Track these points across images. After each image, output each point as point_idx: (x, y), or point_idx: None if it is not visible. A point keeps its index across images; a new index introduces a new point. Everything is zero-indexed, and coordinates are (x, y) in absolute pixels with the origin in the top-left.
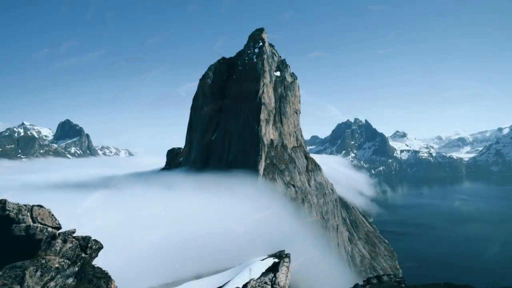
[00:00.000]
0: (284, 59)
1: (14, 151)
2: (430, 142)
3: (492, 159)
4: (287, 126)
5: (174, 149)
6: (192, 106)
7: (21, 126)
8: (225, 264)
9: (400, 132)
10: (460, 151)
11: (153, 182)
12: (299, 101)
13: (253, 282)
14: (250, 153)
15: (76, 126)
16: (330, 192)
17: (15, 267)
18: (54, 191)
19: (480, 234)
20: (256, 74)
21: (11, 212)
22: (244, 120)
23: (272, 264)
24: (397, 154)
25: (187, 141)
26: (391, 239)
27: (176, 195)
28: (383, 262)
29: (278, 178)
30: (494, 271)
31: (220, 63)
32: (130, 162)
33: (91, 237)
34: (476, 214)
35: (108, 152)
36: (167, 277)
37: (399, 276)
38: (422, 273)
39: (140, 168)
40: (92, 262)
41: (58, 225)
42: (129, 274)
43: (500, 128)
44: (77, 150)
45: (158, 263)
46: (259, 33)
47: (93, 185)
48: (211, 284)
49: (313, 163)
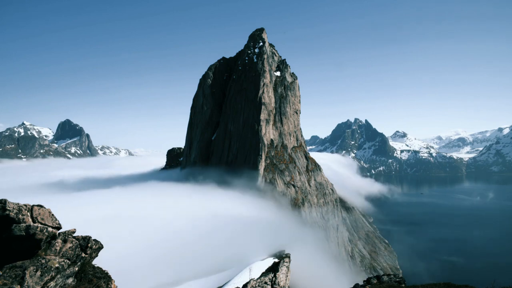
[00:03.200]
0: (284, 59)
1: (14, 151)
2: (430, 142)
3: (492, 159)
4: (287, 126)
5: (174, 149)
6: (192, 106)
7: (21, 126)
8: (225, 264)
9: (400, 132)
10: (460, 151)
11: (153, 182)
12: (299, 101)
13: (253, 282)
14: (250, 153)
15: (76, 126)
16: (330, 192)
17: (15, 267)
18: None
19: (480, 234)
20: (256, 74)
21: (11, 212)
22: (244, 120)
23: (272, 264)
24: (397, 154)
25: (187, 141)
26: (391, 239)
27: (176, 195)
28: (383, 262)
29: (278, 178)
30: (494, 271)
31: (220, 63)
32: (130, 162)
33: (91, 237)
34: (476, 214)
35: (108, 152)
36: (167, 277)
37: (399, 276)
38: (422, 273)
39: (140, 168)
40: (92, 262)
41: (58, 225)
42: (129, 274)
43: (500, 128)
44: (77, 150)
45: (158, 263)
46: (259, 33)
47: (93, 185)
48: (211, 284)
49: (313, 163)
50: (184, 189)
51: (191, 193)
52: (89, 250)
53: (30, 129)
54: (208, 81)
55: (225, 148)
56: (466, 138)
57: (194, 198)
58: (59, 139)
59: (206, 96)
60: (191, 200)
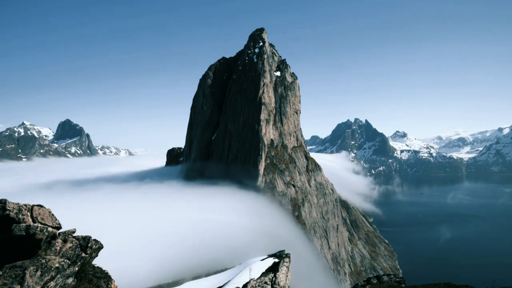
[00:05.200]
0: (284, 59)
1: (14, 151)
2: (430, 142)
3: (492, 159)
4: (287, 126)
5: (174, 149)
6: (192, 106)
7: (21, 126)
8: (225, 264)
9: (400, 132)
10: (460, 151)
11: (153, 182)
12: (299, 101)
13: (253, 282)
14: (250, 153)
15: (76, 126)
16: (330, 192)
17: (15, 267)
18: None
19: (480, 234)
20: (256, 74)
21: (11, 212)
22: (244, 120)
23: (272, 264)
24: (397, 154)
25: (187, 140)
26: (391, 239)
27: (175, 195)
28: (383, 262)
29: (278, 178)
30: (494, 271)
31: (220, 63)
32: (130, 162)
33: (91, 237)
34: (477, 214)
35: (108, 152)
36: (167, 277)
37: (399, 276)
38: (422, 273)
39: (140, 168)
40: (92, 262)
41: (58, 225)
42: (129, 274)
43: (500, 128)
44: (77, 150)
45: (157, 263)
46: (259, 33)
47: (95, 184)
48: (211, 284)
49: (313, 163)
50: (184, 190)
51: (191, 194)
52: (89, 250)
53: (30, 129)
54: (208, 81)
55: (225, 148)
56: (466, 138)
57: (194, 199)
58: (59, 139)
59: (206, 96)
60: (191, 201)
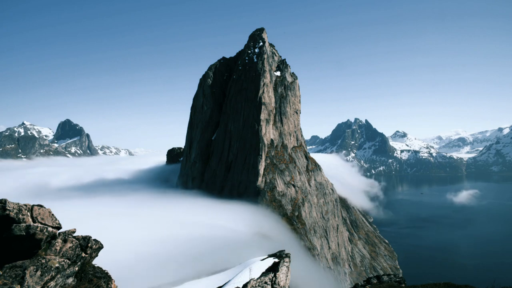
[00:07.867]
0: (284, 59)
1: (14, 151)
2: (430, 142)
3: (492, 159)
4: (287, 126)
5: (174, 149)
6: (192, 106)
7: (21, 125)
8: (225, 264)
9: (400, 132)
10: (460, 151)
11: (153, 182)
12: (299, 101)
13: (253, 282)
14: (250, 153)
15: (77, 126)
16: (330, 192)
17: (15, 267)
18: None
19: (480, 234)
20: (256, 74)
21: (11, 211)
22: (244, 120)
23: (272, 264)
24: (397, 154)
25: (187, 140)
26: (391, 239)
27: (175, 196)
28: (383, 262)
29: (278, 178)
30: (494, 271)
31: (220, 63)
32: (130, 162)
33: (91, 237)
34: (477, 214)
35: (108, 152)
36: (167, 277)
37: (399, 276)
38: (422, 273)
39: (140, 167)
40: (92, 262)
41: (58, 225)
42: (129, 274)
43: (500, 128)
44: (77, 150)
45: (158, 263)
46: (259, 33)
47: (95, 188)
48: (211, 284)
49: (313, 163)
50: (184, 195)
51: (190, 194)
52: (89, 250)
53: (30, 129)
54: (208, 81)
55: (225, 148)
56: (466, 138)
57: (194, 205)
58: (59, 139)
59: (206, 96)
60: (190, 201)
